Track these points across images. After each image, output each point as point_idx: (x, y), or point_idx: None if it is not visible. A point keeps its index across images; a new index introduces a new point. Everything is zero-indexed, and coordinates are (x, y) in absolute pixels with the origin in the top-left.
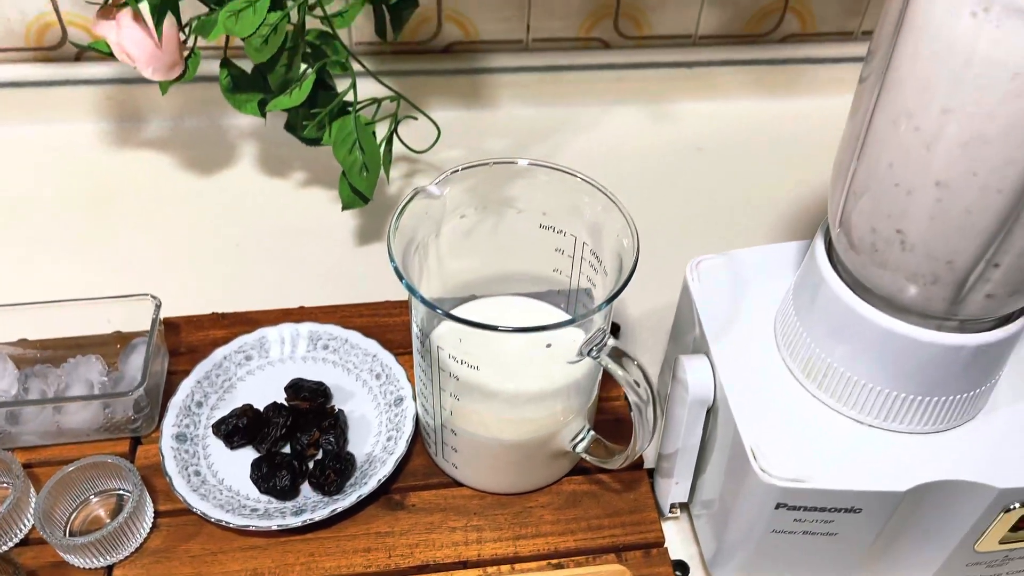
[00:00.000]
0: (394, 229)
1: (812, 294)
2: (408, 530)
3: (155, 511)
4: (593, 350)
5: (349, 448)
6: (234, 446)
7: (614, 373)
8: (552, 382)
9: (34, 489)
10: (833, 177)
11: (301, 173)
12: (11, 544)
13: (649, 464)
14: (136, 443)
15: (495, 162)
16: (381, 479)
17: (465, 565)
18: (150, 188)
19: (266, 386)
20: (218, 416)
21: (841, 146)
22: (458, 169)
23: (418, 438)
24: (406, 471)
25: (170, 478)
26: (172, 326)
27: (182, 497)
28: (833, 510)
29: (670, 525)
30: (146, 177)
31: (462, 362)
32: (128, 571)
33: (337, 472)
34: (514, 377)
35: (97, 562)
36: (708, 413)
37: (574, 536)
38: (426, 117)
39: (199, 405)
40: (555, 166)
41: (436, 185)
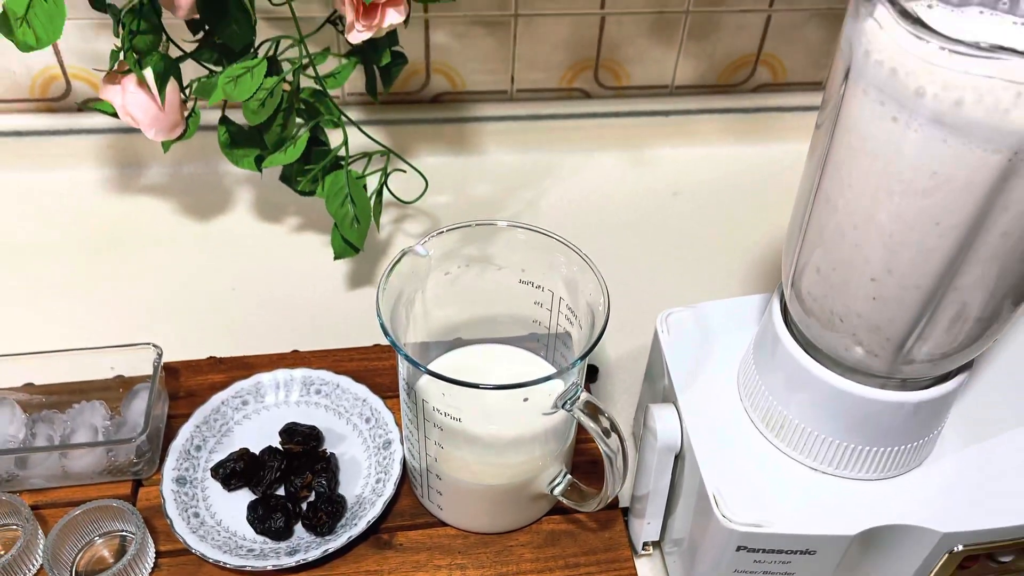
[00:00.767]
0: (383, 289)
1: (770, 350)
2: (396, 568)
3: (156, 551)
4: (567, 403)
5: (340, 490)
6: (231, 488)
7: (586, 426)
8: (531, 430)
9: (41, 530)
10: (786, 242)
11: (294, 219)
12: None
13: (624, 503)
14: (138, 485)
15: (477, 223)
16: (370, 520)
17: None
18: (149, 233)
19: (261, 430)
20: (216, 459)
21: (791, 220)
22: (443, 231)
23: (405, 480)
24: (394, 511)
25: (171, 520)
26: (171, 370)
27: (182, 539)
28: (790, 552)
29: (643, 562)
30: (145, 223)
31: (445, 414)
32: None
33: (329, 514)
34: (495, 426)
35: None
36: (676, 458)
37: (552, 573)
38: (414, 169)
39: (198, 449)
40: (533, 228)
41: (422, 245)
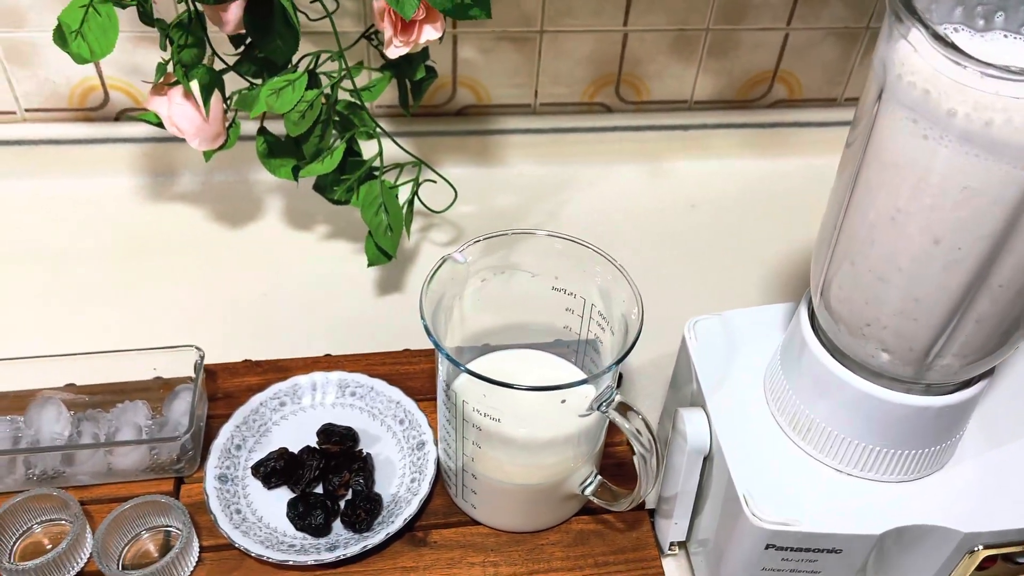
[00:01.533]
0: (425, 292)
1: (797, 356)
2: (431, 565)
3: (200, 546)
4: (602, 405)
5: (376, 489)
6: (271, 486)
7: (621, 426)
8: (565, 431)
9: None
10: (813, 257)
11: (323, 228)
12: (71, 575)
13: (650, 505)
14: (179, 483)
15: (513, 232)
16: (407, 518)
17: None
18: (182, 240)
19: (298, 430)
20: (256, 458)
21: (820, 231)
22: (480, 239)
23: (439, 479)
24: (428, 510)
25: (214, 516)
26: (209, 373)
27: (226, 534)
28: (817, 551)
29: (669, 562)
30: (178, 230)
31: (485, 414)
32: None
33: (367, 511)
34: (531, 427)
35: None
36: (704, 461)
37: (582, 571)
38: (444, 180)
39: (238, 448)
40: (569, 237)
41: (460, 253)
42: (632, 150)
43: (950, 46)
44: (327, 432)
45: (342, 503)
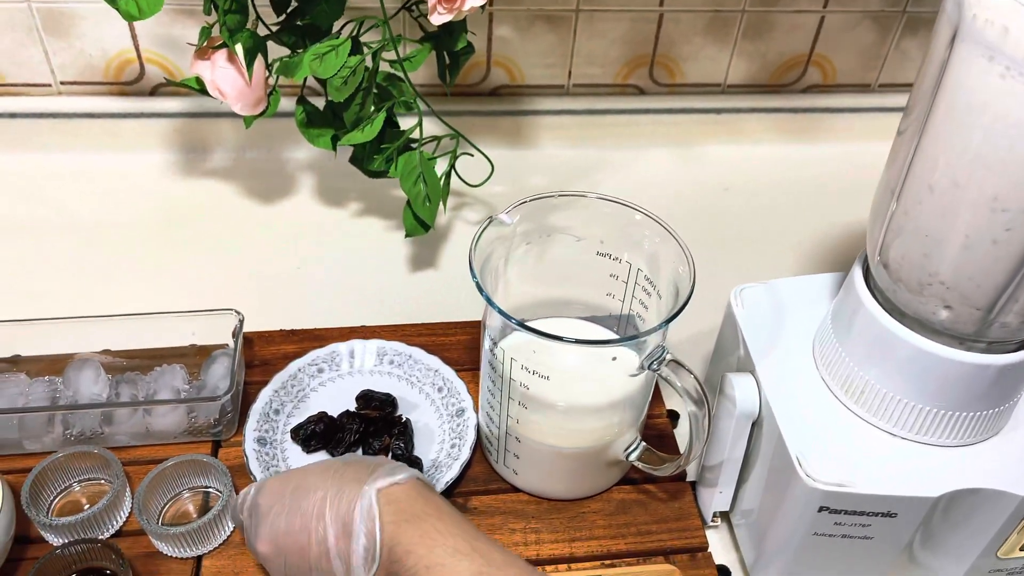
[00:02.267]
0: (474, 249)
1: (850, 318)
2: None
3: None
4: (654, 363)
5: (415, 454)
6: (310, 450)
7: (673, 384)
8: (611, 396)
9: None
10: (871, 217)
11: (357, 204)
12: (108, 533)
13: (691, 477)
14: (217, 446)
15: (560, 194)
16: (448, 482)
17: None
18: (214, 214)
19: (336, 397)
20: (294, 423)
21: (879, 190)
22: (527, 200)
23: (477, 447)
24: (467, 477)
25: (255, 477)
26: (246, 341)
27: None
28: (871, 514)
29: (711, 533)
30: (212, 204)
31: (534, 371)
32: (216, 562)
33: None
34: (579, 387)
35: (188, 552)
36: (752, 427)
37: (625, 540)
38: (481, 154)
39: (276, 412)
40: (617, 200)
41: (507, 214)
42: (664, 133)
43: None
44: (366, 397)
45: None
